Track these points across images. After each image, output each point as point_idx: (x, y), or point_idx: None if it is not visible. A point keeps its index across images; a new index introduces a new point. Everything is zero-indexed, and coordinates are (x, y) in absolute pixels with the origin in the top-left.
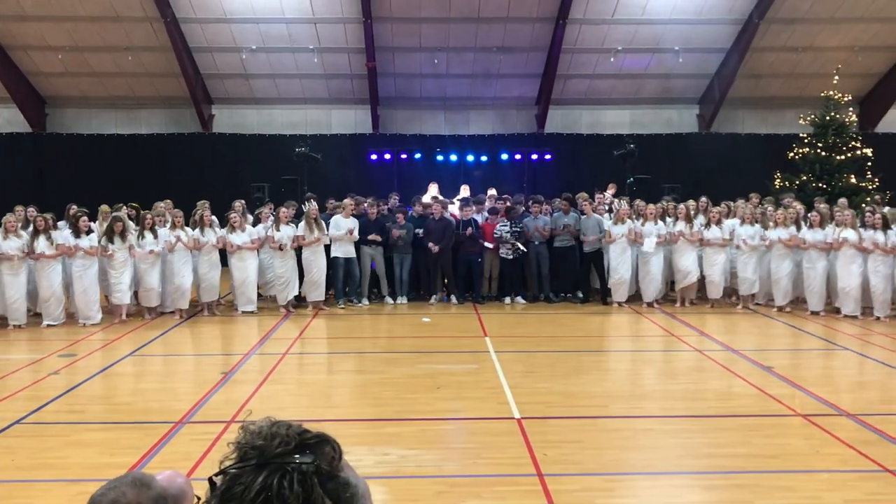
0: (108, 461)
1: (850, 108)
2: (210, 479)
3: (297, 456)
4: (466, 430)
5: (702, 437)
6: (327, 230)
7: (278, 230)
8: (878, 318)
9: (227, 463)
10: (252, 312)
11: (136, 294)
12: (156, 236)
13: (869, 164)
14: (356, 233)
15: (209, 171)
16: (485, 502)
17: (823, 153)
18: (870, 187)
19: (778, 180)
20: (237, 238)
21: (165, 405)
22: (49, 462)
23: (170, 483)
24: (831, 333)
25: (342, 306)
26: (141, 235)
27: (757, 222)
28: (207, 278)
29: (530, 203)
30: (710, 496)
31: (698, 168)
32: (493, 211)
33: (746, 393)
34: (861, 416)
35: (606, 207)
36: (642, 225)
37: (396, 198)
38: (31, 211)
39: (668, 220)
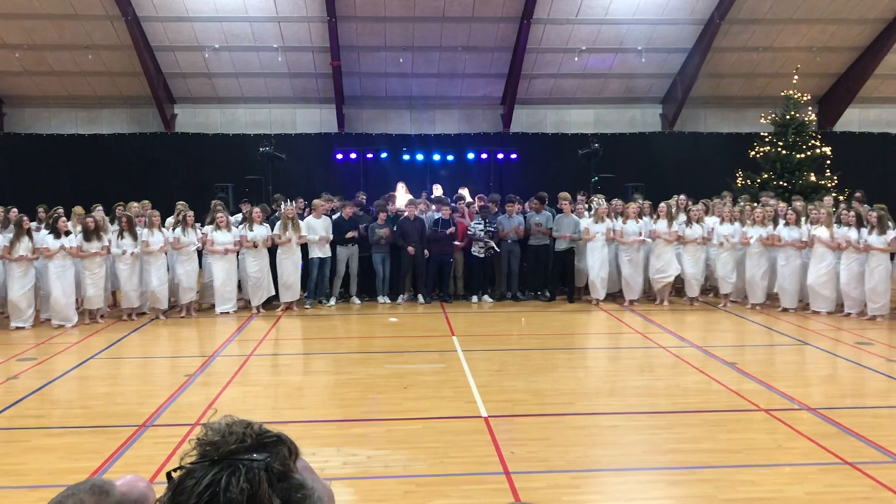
0: (69, 466)
1: (809, 108)
2: (168, 475)
3: (249, 454)
4: (434, 430)
5: (667, 433)
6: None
7: (251, 230)
8: (848, 315)
9: (187, 460)
10: (228, 313)
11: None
12: (135, 238)
13: (828, 161)
14: (329, 234)
15: (172, 171)
16: (452, 501)
17: (784, 151)
18: (829, 185)
19: (740, 178)
20: (221, 237)
21: (129, 408)
22: (6, 468)
23: (131, 488)
24: (799, 330)
25: (308, 306)
26: (120, 236)
27: (736, 221)
28: (186, 279)
29: (505, 202)
30: (675, 491)
31: (662, 167)
32: (455, 210)
33: (711, 389)
34: (822, 411)
35: (586, 207)
36: (623, 223)
37: (364, 197)
38: (14, 211)
39: (645, 218)
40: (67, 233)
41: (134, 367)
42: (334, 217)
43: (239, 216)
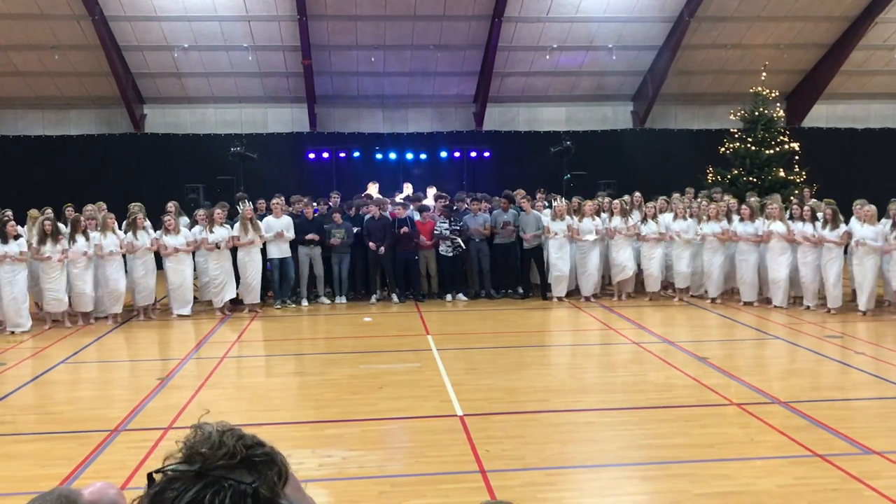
0: (40, 473)
1: (778, 104)
2: (150, 476)
3: (237, 473)
4: (409, 430)
5: (640, 429)
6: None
7: (212, 232)
8: (807, 308)
9: (171, 462)
10: (187, 316)
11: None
12: (87, 239)
13: (796, 157)
14: (290, 233)
15: (142, 172)
16: (427, 501)
17: (753, 147)
18: (798, 180)
19: (710, 174)
20: (172, 240)
21: (100, 413)
22: None
23: (101, 496)
24: (763, 323)
25: (279, 307)
26: (72, 239)
27: (691, 217)
28: (142, 282)
29: (470, 201)
30: (649, 486)
31: (633, 163)
32: (423, 209)
33: (683, 384)
34: (792, 404)
35: (546, 204)
36: (580, 221)
37: (337, 197)
38: None
39: (604, 215)
40: (17, 236)
41: (104, 371)
42: (298, 218)
43: (187, 219)
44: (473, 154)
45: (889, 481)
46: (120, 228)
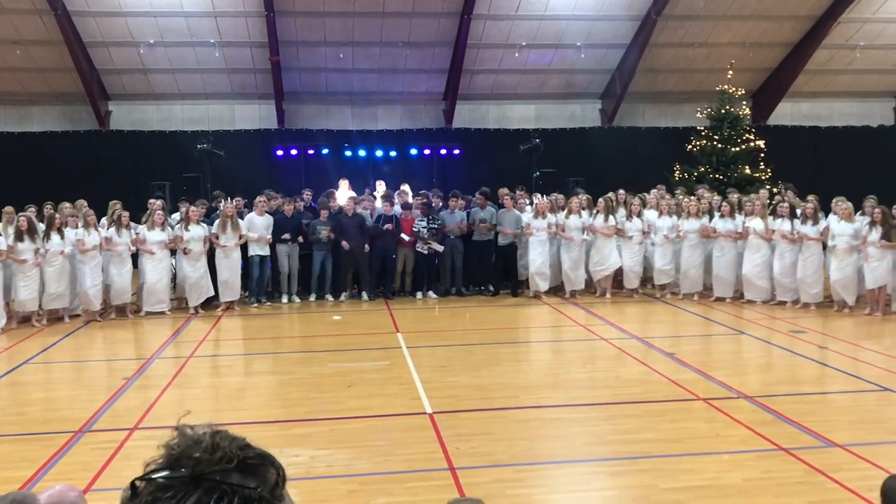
0: (1, 476)
1: (744, 102)
2: (132, 484)
3: (235, 477)
4: (378, 428)
5: (608, 425)
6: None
7: (187, 230)
8: (782, 304)
9: (154, 468)
10: (162, 314)
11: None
12: (63, 238)
13: (762, 155)
14: (269, 233)
15: (107, 169)
16: (396, 499)
17: (719, 145)
18: (763, 178)
19: (677, 172)
20: (155, 236)
21: (64, 414)
22: None
23: (59, 499)
24: (735, 320)
25: (256, 306)
26: (47, 237)
27: (673, 214)
28: (119, 280)
29: (449, 198)
30: (617, 482)
31: (602, 161)
32: (406, 206)
33: (652, 379)
34: (758, 398)
35: (526, 202)
36: (566, 218)
37: (310, 194)
38: None
39: (584, 213)
40: None
41: (69, 371)
42: (276, 215)
43: (177, 215)
44: (443, 151)
45: (851, 473)
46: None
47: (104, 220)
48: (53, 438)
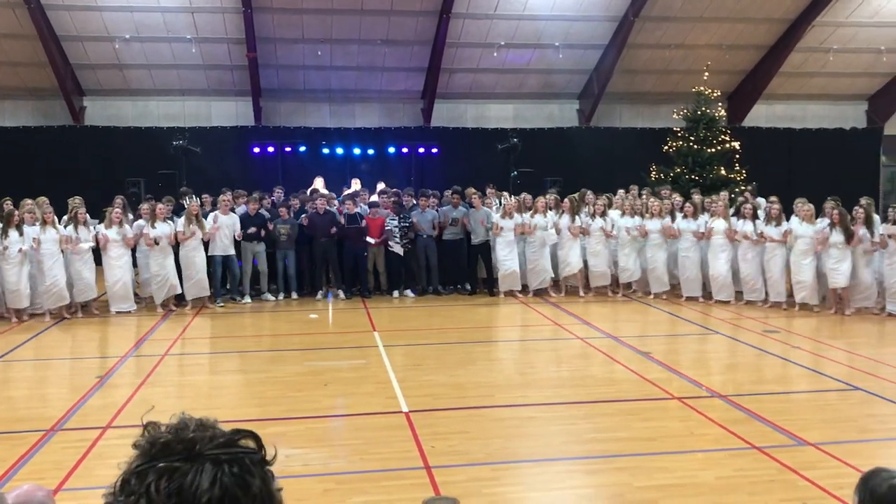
0: None
1: (720, 104)
2: (125, 482)
3: (234, 446)
4: (354, 427)
5: (584, 423)
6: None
7: (154, 227)
8: (749, 304)
9: (146, 458)
10: (129, 312)
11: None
12: (21, 234)
13: (737, 156)
14: (237, 229)
15: (82, 165)
16: (371, 497)
17: (695, 146)
18: (738, 178)
19: (654, 172)
20: (113, 234)
21: (35, 412)
22: None
23: (27, 498)
24: (705, 319)
25: (221, 305)
26: (4, 234)
27: (637, 214)
28: (82, 278)
29: (420, 197)
30: (592, 480)
31: (579, 161)
32: (372, 204)
33: (626, 378)
34: (731, 397)
35: (496, 201)
36: (532, 217)
37: (281, 191)
38: None
39: (551, 212)
40: None
41: (40, 370)
42: (240, 213)
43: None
44: (421, 150)
45: (822, 471)
46: (60, 223)
47: (66, 218)
48: (24, 437)
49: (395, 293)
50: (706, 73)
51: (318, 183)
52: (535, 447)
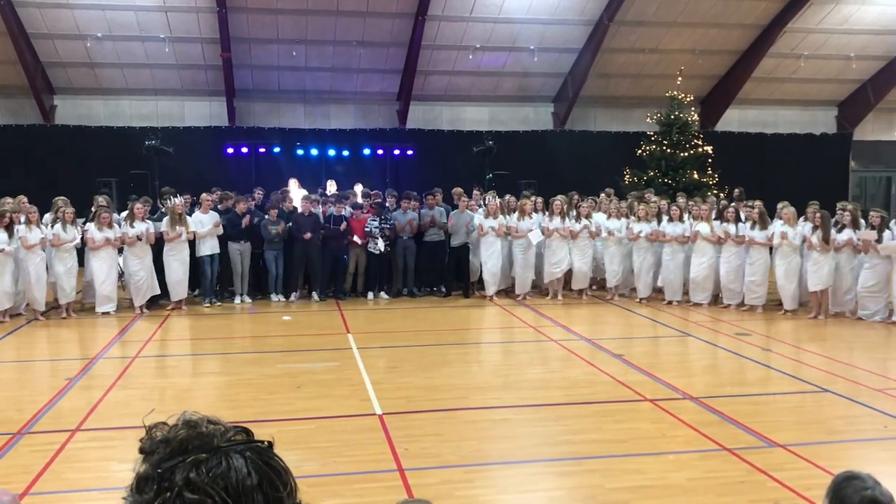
0: None
1: (693, 108)
2: (147, 479)
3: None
4: (327, 429)
5: (557, 425)
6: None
7: (132, 227)
8: (727, 306)
9: (163, 456)
10: (110, 313)
11: None
12: (11, 235)
13: (709, 160)
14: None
15: (52, 165)
16: (344, 500)
17: (668, 150)
18: (710, 182)
19: (627, 176)
20: (101, 234)
21: (3, 415)
22: None
23: None
24: (683, 322)
25: (207, 305)
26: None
27: (623, 217)
28: (65, 278)
29: (402, 199)
30: (565, 482)
31: (554, 164)
32: (356, 206)
33: (600, 381)
34: (703, 399)
35: (480, 203)
36: (518, 220)
37: (261, 192)
38: None
39: (535, 214)
40: None
41: (10, 371)
42: (228, 213)
43: (124, 213)
44: (397, 152)
45: (791, 473)
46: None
47: (48, 217)
48: None
49: (370, 295)
50: (679, 78)
51: (294, 185)
52: (508, 449)
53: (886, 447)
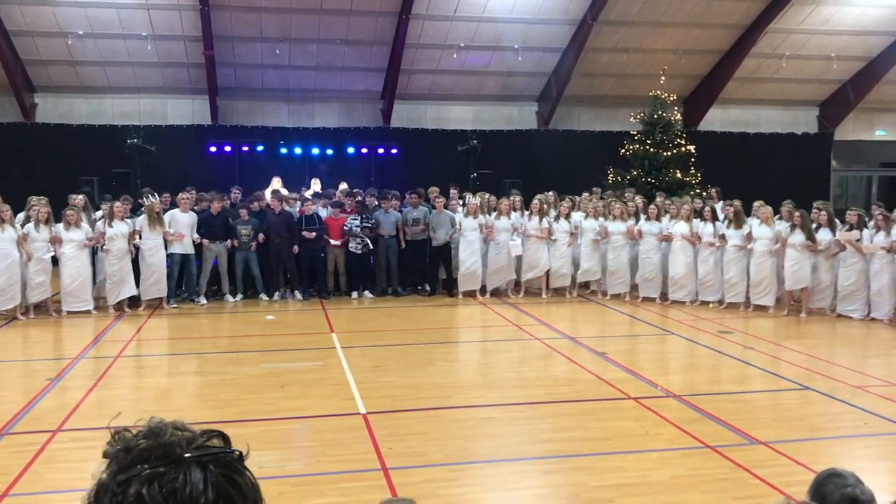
0: None
1: (676, 108)
2: (104, 490)
3: (206, 450)
4: (311, 429)
5: (541, 423)
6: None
7: (111, 226)
8: (706, 304)
9: (123, 465)
10: (86, 312)
11: None
12: None
13: (692, 159)
14: (193, 231)
15: (32, 164)
16: (328, 499)
17: (652, 149)
18: (693, 182)
19: (611, 175)
20: (73, 234)
21: None
22: None
23: None
24: (662, 320)
25: (174, 306)
26: None
27: (600, 216)
28: (37, 278)
29: (382, 199)
30: (549, 480)
31: (538, 163)
32: (336, 205)
33: (583, 379)
34: (686, 397)
35: (459, 202)
36: (496, 219)
37: (239, 192)
38: None
39: (515, 213)
40: None
41: None
42: (202, 213)
43: (98, 213)
44: (381, 151)
45: (773, 469)
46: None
47: (20, 216)
48: None
49: (354, 294)
50: (663, 78)
51: (276, 183)
52: (492, 448)
53: (867, 444)
